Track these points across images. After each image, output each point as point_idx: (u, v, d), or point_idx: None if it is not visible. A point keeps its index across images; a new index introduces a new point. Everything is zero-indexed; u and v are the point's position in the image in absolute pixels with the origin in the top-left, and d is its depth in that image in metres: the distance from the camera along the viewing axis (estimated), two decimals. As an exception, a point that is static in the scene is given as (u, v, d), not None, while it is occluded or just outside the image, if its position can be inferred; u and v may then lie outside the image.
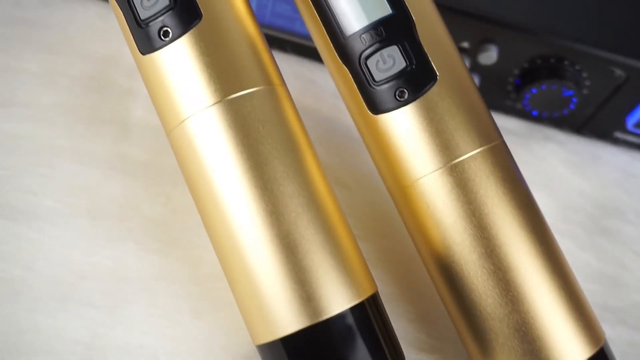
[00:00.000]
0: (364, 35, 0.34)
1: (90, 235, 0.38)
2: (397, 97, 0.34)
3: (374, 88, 0.35)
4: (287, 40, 0.48)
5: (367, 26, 0.34)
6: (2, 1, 0.45)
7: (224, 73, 0.33)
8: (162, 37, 0.33)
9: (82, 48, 0.44)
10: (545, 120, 0.50)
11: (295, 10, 0.46)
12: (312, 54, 0.49)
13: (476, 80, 0.47)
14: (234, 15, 0.34)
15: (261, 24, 0.46)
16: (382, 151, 0.36)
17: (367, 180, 0.44)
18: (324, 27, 0.35)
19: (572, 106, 0.47)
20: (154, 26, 0.33)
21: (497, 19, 0.44)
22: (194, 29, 0.33)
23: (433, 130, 0.34)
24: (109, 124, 0.42)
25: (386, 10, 0.34)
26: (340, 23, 0.35)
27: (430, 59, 0.34)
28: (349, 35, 0.35)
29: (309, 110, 0.46)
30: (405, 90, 0.34)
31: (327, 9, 0.35)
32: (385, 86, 0.34)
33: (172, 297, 0.37)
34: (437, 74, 0.34)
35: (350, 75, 0.35)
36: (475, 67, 0.46)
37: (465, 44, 0.45)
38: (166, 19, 0.33)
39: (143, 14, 0.34)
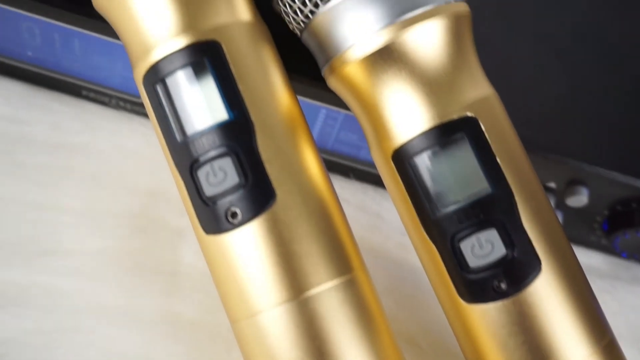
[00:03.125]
0: (457, 213, 0.30)
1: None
2: (495, 288, 0.30)
3: (466, 275, 0.30)
4: (350, 167, 0.44)
5: (463, 204, 0.30)
6: (40, 125, 0.41)
7: (301, 265, 0.29)
8: (230, 219, 0.29)
9: (128, 180, 0.40)
10: (637, 259, 0.45)
11: (362, 138, 0.42)
12: (377, 181, 0.45)
13: (559, 216, 0.43)
14: (311, 191, 0.30)
15: (322, 149, 0.42)
16: (472, 339, 0.31)
17: (440, 340, 0.39)
18: (411, 199, 0.31)
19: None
20: (221, 206, 0.29)
21: (589, 160, 0.39)
22: (267, 212, 0.29)
23: (536, 328, 0.30)
24: (156, 274, 0.38)
25: (484, 187, 0.30)
26: (432, 199, 0.31)
27: (534, 244, 0.30)
28: (441, 214, 0.30)
29: (375, 252, 0.42)
30: (504, 281, 0.30)
31: (417, 183, 0.31)
32: (481, 274, 0.30)
33: None
34: (542, 261, 0.30)
35: (439, 256, 0.31)
36: (560, 206, 0.42)
37: (552, 184, 0.41)
38: (235, 199, 0.29)
39: (208, 190, 0.29)
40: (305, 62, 0.35)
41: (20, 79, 0.42)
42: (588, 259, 0.45)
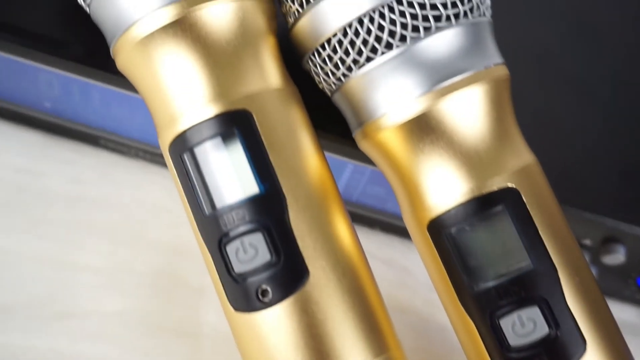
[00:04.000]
0: (497, 289, 0.29)
1: None
2: None
3: (507, 353, 0.29)
4: (376, 219, 0.43)
5: (503, 280, 0.29)
6: (59, 177, 0.40)
7: (334, 347, 0.27)
8: (260, 298, 0.28)
9: (149, 235, 0.39)
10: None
11: (389, 191, 0.40)
12: (403, 232, 0.43)
13: (593, 271, 0.41)
14: (345, 267, 0.28)
15: (347, 201, 0.41)
16: None
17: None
18: (448, 271, 0.30)
19: None
20: (251, 284, 0.28)
21: (626, 219, 0.38)
22: (300, 291, 0.28)
23: None
24: (178, 336, 0.37)
25: (526, 262, 0.29)
26: (470, 273, 0.29)
27: (578, 322, 0.29)
28: (479, 289, 0.29)
29: (402, 309, 0.40)
30: None
31: (455, 256, 0.29)
32: (522, 354, 0.29)
33: None
34: (587, 341, 0.28)
35: (477, 332, 0.30)
36: (594, 262, 0.41)
37: (587, 241, 0.39)
38: (266, 277, 0.27)
39: (238, 267, 0.28)
40: (333, 118, 0.34)
41: (37, 129, 0.42)
42: (621, 312, 0.43)
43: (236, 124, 0.28)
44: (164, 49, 0.28)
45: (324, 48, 0.30)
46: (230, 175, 0.28)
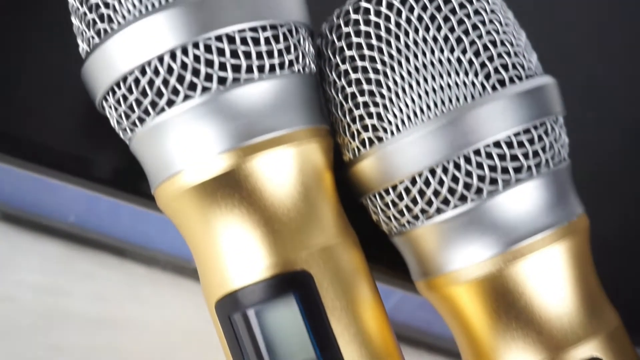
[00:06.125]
0: None
1: None
2: None
3: None
4: (421, 341, 0.40)
5: None
6: (80, 294, 0.37)
7: None
8: None
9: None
10: None
11: (437, 316, 0.38)
12: (450, 353, 0.41)
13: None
14: None
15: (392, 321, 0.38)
16: None
17: None
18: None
19: None
20: None
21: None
22: None
23: None
24: None
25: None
26: None
27: None
28: None
29: None
30: None
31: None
32: None
33: None
34: None
35: None
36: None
37: None
38: None
39: None
40: (383, 245, 0.31)
41: (58, 239, 0.39)
42: None
43: (294, 288, 0.25)
44: (215, 200, 0.26)
45: (387, 193, 0.27)
46: (285, 343, 0.25)
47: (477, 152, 0.26)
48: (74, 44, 0.29)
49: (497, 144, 0.26)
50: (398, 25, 0.26)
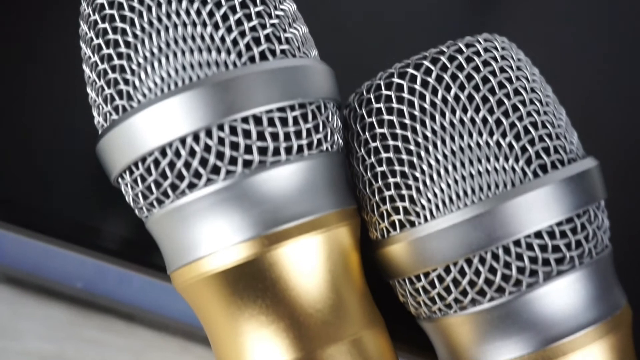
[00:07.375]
0: None
1: None
2: None
3: None
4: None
5: None
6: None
7: None
8: None
9: None
10: None
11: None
12: None
13: None
14: None
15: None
16: None
17: None
18: None
19: None
20: None
21: None
22: None
23: None
24: None
25: None
26: None
27: None
28: None
29: None
30: None
31: None
32: None
33: None
34: None
35: None
36: None
37: None
38: None
39: None
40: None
41: (64, 303, 0.37)
42: None
43: None
44: (236, 289, 0.24)
45: (418, 279, 0.25)
46: None
47: (517, 243, 0.24)
48: (88, 111, 0.27)
49: (538, 234, 0.24)
50: (433, 104, 0.25)
